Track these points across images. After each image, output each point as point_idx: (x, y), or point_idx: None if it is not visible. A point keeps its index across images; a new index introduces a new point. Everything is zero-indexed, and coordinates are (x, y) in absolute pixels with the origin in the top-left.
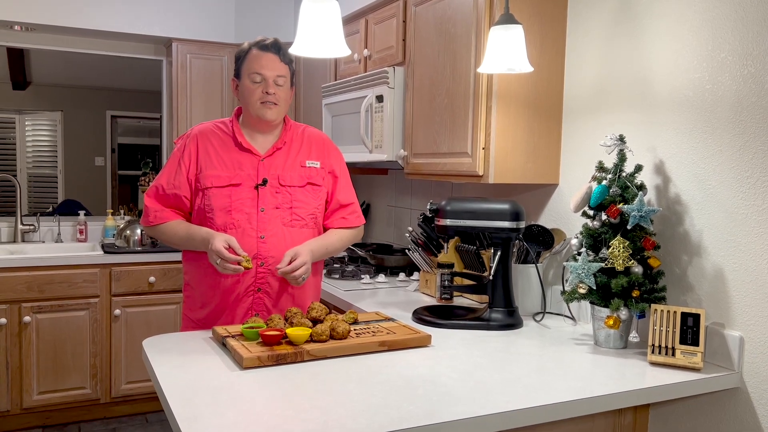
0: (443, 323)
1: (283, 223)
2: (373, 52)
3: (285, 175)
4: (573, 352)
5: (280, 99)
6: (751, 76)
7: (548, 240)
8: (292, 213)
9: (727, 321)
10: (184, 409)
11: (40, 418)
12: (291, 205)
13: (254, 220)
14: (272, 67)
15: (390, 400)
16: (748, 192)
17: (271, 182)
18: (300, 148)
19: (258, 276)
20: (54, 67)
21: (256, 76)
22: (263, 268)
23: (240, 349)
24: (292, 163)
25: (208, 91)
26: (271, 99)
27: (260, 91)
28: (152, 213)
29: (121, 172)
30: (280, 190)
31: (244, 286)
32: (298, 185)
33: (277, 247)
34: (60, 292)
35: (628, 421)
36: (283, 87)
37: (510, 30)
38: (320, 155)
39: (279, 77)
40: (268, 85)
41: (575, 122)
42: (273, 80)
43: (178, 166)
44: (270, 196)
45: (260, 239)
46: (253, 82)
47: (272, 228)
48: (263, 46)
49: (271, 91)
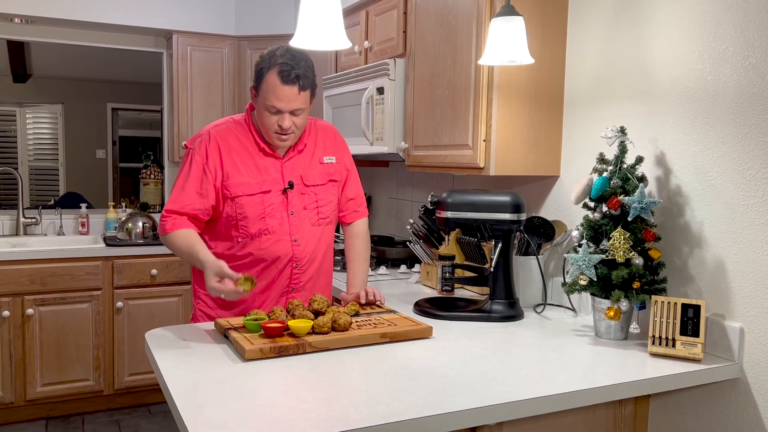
0: (444, 315)
1: (311, 224)
2: (374, 43)
3: (308, 175)
4: (574, 343)
5: (296, 129)
6: (753, 67)
7: (549, 232)
8: (319, 212)
9: (727, 312)
10: (187, 400)
11: (44, 410)
12: (317, 204)
13: (286, 224)
14: (289, 99)
15: (392, 391)
16: (749, 183)
17: (296, 184)
18: (316, 145)
19: (293, 278)
20: (54, 59)
21: (272, 107)
22: (298, 269)
23: (242, 341)
24: (311, 161)
25: (209, 83)
26: (286, 132)
27: (276, 123)
28: (170, 221)
29: (123, 165)
30: (305, 191)
31: (279, 288)
32: (320, 183)
33: (308, 248)
34: (62, 285)
35: (628, 411)
36: (301, 116)
37: (511, 21)
38: (335, 150)
39: (296, 110)
40: (284, 119)
41: (576, 114)
42: (289, 113)
43: (203, 174)
44: (297, 198)
45: (294, 242)
46: (269, 111)
47: (303, 230)
48: (283, 77)
49: (286, 126)
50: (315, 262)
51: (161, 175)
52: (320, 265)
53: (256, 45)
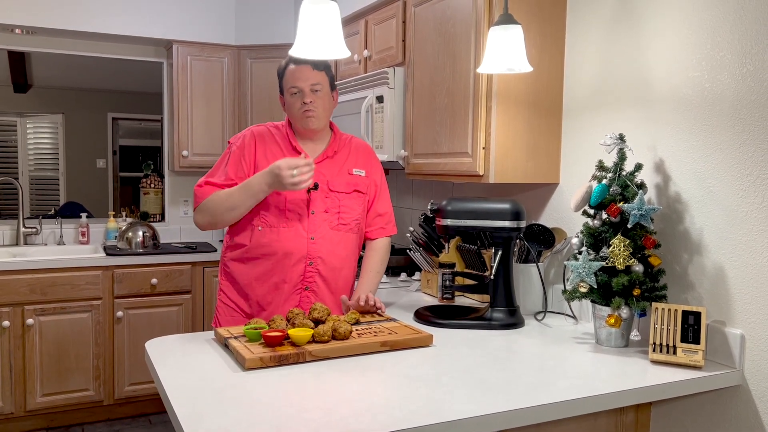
0: (445, 323)
1: (330, 227)
2: (373, 52)
3: (334, 181)
4: (574, 351)
5: (319, 106)
6: (750, 74)
7: (549, 239)
8: (339, 217)
9: (728, 319)
10: (187, 410)
11: (44, 420)
12: (339, 210)
13: (305, 221)
14: (306, 77)
15: (392, 399)
16: (748, 189)
17: (321, 187)
18: (348, 157)
19: (306, 275)
20: (55, 69)
21: (293, 89)
22: (311, 268)
23: (242, 350)
24: (340, 170)
25: (209, 93)
26: (310, 107)
27: (299, 102)
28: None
29: (123, 174)
30: (329, 195)
31: (291, 285)
32: (345, 191)
33: (325, 249)
34: (62, 295)
35: (629, 419)
36: (321, 93)
37: (509, 30)
38: (366, 165)
39: (314, 85)
40: (305, 95)
41: (575, 121)
42: (309, 89)
43: (240, 161)
44: (320, 200)
45: (311, 240)
46: (292, 95)
47: (321, 230)
48: (296, 61)
49: (308, 100)
50: (331, 265)
51: (161, 184)
52: (338, 270)
53: (256, 54)
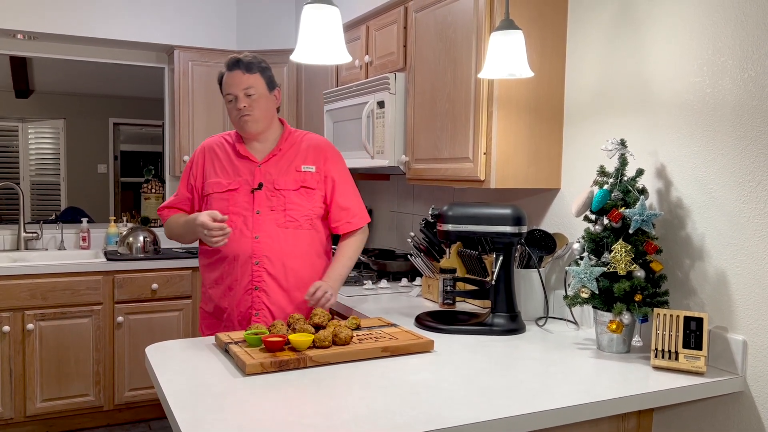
0: (446, 328)
1: (277, 225)
2: (374, 58)
3: (279, 180)
4: (576, 356)
5: (255, 109)
6: (752, 79)
7: (550, 244)
8: (286, 215)
9: (730, 325)
10: (188, 415)
11: (44, 426)
12: (285, 207)
13: (250, 222)
14: (237, 83)
15: (393, 405)
16: (750, 195)
17: (266, 186)
18: (297, 154)
19: (254, 275)
20: (56, 75)
21: (228, 96)
22: (258, 267)
23: (243, 356)
24: (287, 168)
25: (210, 98)
26: (244, 112)
27: (235, 108)
28: (164, 214)
29: (124, 179)
30: (274, 194)
31: (242, 286)
32: (291, 189)
33: (271, 247)
34: (63, 300)
35: (631, 425)
36: (256, 96)
37: (510, 35)
38: (316, 160)
39: (247, 89)
40: (239, 100)
41: (576, 127)
42: (243, 94)
43: (188, 177)
44: (265, 199)
45: (255, 239)
46: (228, 102)
47: (267, 229)
48: (228, 66)
49: (241, 105)
50: (280, 264)
51: (162, 189)
52: (290, 269)
53: None
